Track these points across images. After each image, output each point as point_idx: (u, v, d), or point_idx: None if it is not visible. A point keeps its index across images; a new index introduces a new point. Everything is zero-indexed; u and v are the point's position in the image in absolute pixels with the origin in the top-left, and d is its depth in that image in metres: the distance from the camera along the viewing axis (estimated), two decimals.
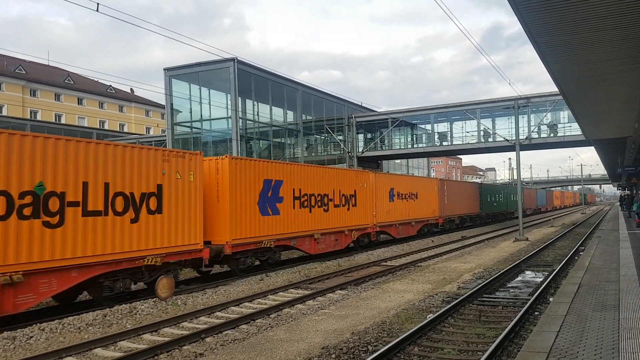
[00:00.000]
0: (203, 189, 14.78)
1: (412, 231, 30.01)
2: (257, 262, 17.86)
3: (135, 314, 11.79)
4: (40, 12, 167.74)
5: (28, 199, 10.47)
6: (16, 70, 62.38)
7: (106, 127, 68.99)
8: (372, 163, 45.79)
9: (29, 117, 59.87)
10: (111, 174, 12.12)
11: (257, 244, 17.01)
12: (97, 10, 13.70)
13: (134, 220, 12.55)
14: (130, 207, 12.48)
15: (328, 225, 21.24)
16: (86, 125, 65.41)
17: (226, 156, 16.19)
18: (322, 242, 20.70)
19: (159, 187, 13.29)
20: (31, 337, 9.86)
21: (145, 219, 12.83)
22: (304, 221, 19.65)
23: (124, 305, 12.32)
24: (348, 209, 23.00)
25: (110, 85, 73.10)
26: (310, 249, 20.04)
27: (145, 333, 10.18)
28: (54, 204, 10.95)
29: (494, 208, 50.02)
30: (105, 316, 11.37)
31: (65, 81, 67.84)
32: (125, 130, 71.76)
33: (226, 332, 10.17)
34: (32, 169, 10.60)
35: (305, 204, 19.92)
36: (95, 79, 70.08)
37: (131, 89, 76.61)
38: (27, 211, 10.42)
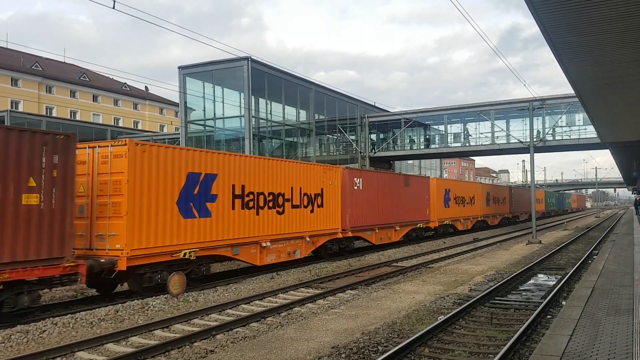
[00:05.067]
0: None
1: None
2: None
3: (147, 310, 11.87)
4: (62, 10, 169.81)
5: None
6: (32, 67, 63.07)
7: (120, 124, 69.47)
8: (384, 163, 45.70)
9: (44, 113, 60.49)
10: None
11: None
12: (114, 8, 13.81)
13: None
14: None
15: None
16: (101, 122, 65.95)
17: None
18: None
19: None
20: (44, 331, 9.96)
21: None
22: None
23: (136, 301, 12.42)
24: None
25: (125, 83, 73.62)
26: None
27: (157, 329, 10.24)
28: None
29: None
30: (117, 311, 11.46)
31: (81, 78, 68.44)
32: (140, 127, 72.25)
33: (237, 329, 10.21)
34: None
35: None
36: (111, 76, 70.67)
37: (146, 87, 77.07)
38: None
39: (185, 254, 13.62)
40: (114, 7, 13.90)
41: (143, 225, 12.60)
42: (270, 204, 17.49)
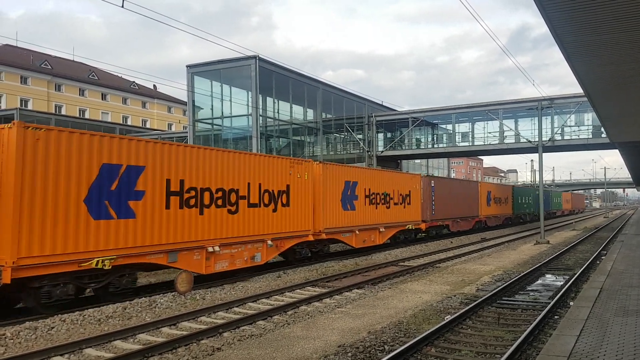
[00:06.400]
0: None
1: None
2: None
3: (155, 308, 11.93)
4: (72, 9, 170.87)
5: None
6: (42, 65, 63.46)
7: (129, 122, 69.79)
8: (391, 162, 45.63)
9: (53, 111, 60.87)
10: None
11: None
12: (122, 7, 13.87)
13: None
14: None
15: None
16: (110, 120, 66.29)
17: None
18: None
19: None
20: (52, 327, 10.03)
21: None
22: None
23: (143, 298, 12.47)
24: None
25: (134, 82, 73.95)
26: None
27: (164, 326, 10.30)
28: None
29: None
30: (125, 309, 11.52)
31: (90, 77, 68.81)
32: (148, 126, 72.55)
33: (243, 327, 10.24)
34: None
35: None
36: (119, 75, 70.98)
37: (154, 86, 77.37)
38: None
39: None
40: (122, 6, 13.97)
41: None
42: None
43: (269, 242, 16.68)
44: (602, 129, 34.25)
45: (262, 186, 16.69)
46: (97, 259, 11.44)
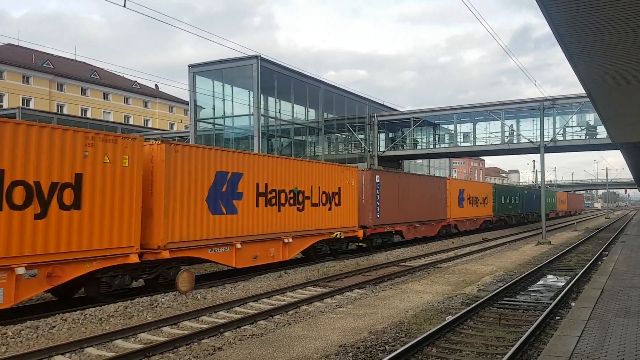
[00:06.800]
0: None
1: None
2: None
3: (156, 307, 11.94)
4: (75, 9, 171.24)
5: None
6: (44, 65, 63.52)
7: (131, 122, 69.84)
8: (393, 162, 45.62)
9: (55, 110, 60.92)
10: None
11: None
12: (124, 6, 13.89)
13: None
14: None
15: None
16: (111, 119, 66.33)
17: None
18: None
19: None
20: (54, 326, 10.05)
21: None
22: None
23: (145, 297, 12.49)
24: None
25: (136, 81, 73.99)
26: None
27: (165, 326, 10.31)
28: None
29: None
30: (126, 308, 11.53)
31: (91, 76, 68.87)
32: (150, 125, 72.58)
33: (244, 327, 10.25)
34: None
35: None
36: (121, 75, 71.03)
37: (156, 85, 77.37)
38: None
39: None
40: (124, 6, 13.98)
41: None
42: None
43: (22, 270, 9.92)
44: (597, 130, 34.48)
45: (8, 177, 9.89)
46: None
